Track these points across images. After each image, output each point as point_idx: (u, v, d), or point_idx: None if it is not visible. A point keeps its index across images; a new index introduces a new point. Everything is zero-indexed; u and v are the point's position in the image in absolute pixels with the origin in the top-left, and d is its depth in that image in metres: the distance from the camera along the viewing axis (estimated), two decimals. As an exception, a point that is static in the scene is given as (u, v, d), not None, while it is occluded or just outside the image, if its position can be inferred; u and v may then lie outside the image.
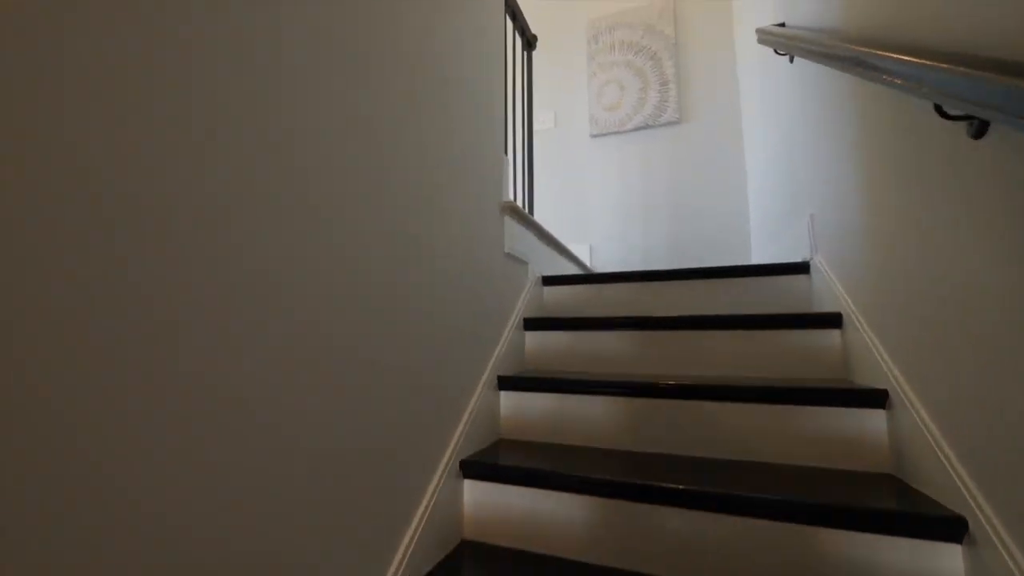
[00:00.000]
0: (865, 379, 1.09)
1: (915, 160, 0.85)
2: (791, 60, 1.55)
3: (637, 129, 2.78)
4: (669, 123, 2.71)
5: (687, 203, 2.63)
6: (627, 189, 2.77)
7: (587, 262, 2.75)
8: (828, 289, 1.32)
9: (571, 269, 2.29)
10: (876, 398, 1.00)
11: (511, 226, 1.51)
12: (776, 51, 1.59)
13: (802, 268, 1.49)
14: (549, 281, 1.78)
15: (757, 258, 2.31)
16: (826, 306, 1.34)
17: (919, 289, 0.87)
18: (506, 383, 1.31)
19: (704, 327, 1.35)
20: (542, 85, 3.05)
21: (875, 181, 1.02)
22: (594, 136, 2.87)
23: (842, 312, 1.22)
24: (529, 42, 1.97)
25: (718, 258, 2.53)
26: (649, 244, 2.67)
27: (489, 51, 1.46)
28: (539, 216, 2.92)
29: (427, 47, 1.07)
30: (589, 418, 1.22)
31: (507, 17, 1.75)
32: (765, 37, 1.53)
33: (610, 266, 2.73)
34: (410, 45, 1.01)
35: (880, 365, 1.01)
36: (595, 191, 2.84)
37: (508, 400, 1.32)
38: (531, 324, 1.54)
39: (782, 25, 1.54)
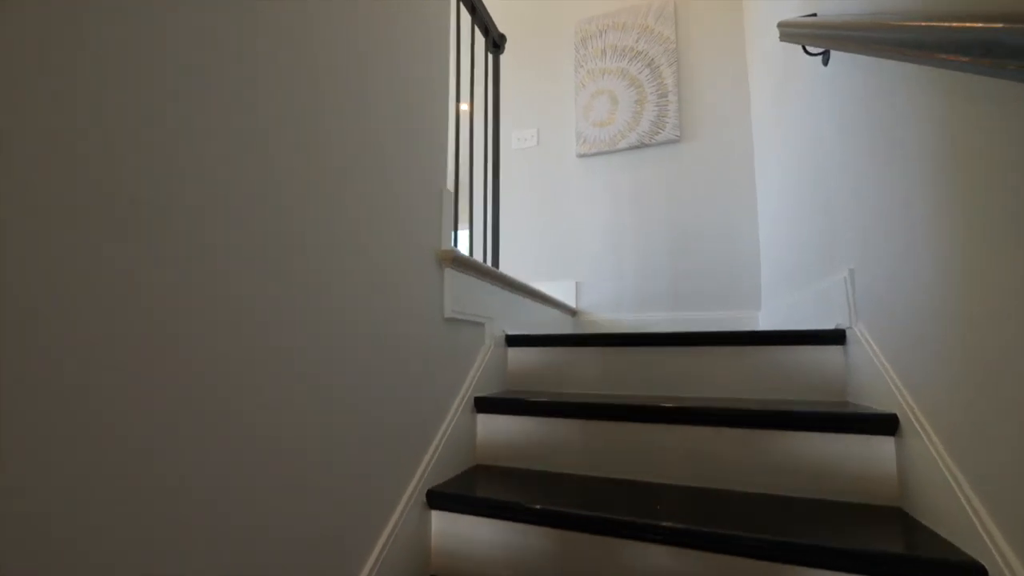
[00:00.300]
0: (931, 516, 0.76)
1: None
2: (825, 62, 1.19)
3: (631, 148, 2.41)
4: (668, 141, 2.34)
5: (689, 235, 2.25)
6: (619, 218, 2.39)
7: (573, 302, 2.37)
8: (871, 370, 0.96)
9: (550, 316, 1.92)
10: (968, 570, 0.63)
11: (456, 281, 1.13)
12: (806, 50, 1.22)
13: (836, 337, 1.11)
14: (515, 341, 1.40)
15: (768, 307, 1.93)
16: (868, 393, 0.98)
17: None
18: (441, 501, 0.93)
19: (712, 423, 1.00)
20: (522, 97, 2.69)
21: (978, 234, 0.64)
22: (581, 156, 2.50)
23: (898, 413, 0.86)
24: (496, 43, 1.62)
25: (724, 303, 2.15)
26: (644, 283, 2.29)
27: (430, 50, 1.10)
28: (519, 248, 2.54)
29: (338, 43, 0.71)
30: (539, 557, 0.84)
31: (462, 8, 1.39)
32: (792, 31, 1.17)
33: (599, 307, 2.34)
34: (318, 49, 0.64)
35: (960, 506, 0.67)
36: (582, 220, 2.46)
37: (444, 523, 0.94)
38: (485, 405, 1.17)
39: (813, 16, 1.18)
